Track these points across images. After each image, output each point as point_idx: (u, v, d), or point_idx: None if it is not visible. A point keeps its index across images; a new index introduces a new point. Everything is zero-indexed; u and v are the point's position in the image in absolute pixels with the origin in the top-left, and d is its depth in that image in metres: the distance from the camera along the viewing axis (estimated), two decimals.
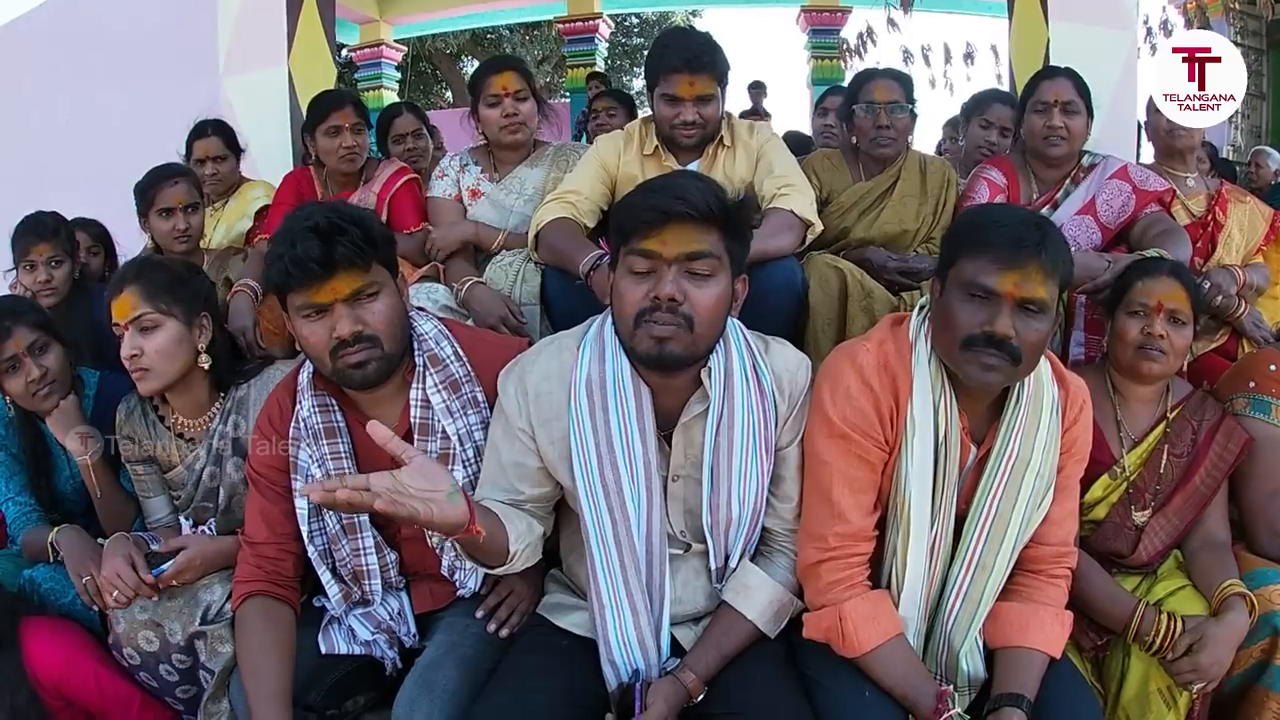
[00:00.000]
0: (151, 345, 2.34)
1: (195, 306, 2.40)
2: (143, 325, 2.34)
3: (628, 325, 1.92)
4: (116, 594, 2.23)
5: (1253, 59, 9.87)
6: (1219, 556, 2.35)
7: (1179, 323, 2.44)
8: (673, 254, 1.87)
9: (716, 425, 1.99)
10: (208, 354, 2.41)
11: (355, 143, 3.61)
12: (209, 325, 2.42)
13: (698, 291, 1.89)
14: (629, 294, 1.90)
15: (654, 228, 1.86)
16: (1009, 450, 2.00)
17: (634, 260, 1.89)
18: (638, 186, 1.99)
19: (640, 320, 1.89)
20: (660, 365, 1.93)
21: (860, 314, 2.87)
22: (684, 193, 1.87)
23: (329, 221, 1.99)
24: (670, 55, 2.98)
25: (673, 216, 1.85)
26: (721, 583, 2.09)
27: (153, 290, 2.35)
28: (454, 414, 2.16)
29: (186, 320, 2.38)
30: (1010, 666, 1.97)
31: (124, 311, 2.35)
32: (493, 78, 3.34)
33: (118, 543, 2.34)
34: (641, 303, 1.88)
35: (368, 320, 2.05)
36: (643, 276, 1.89)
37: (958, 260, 1.93)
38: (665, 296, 1.86)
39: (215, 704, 2.25)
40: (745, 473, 2.01)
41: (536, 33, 15.44)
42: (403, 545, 2.28)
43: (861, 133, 3.38)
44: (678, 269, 1.87)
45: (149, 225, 3.44)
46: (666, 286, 1.86)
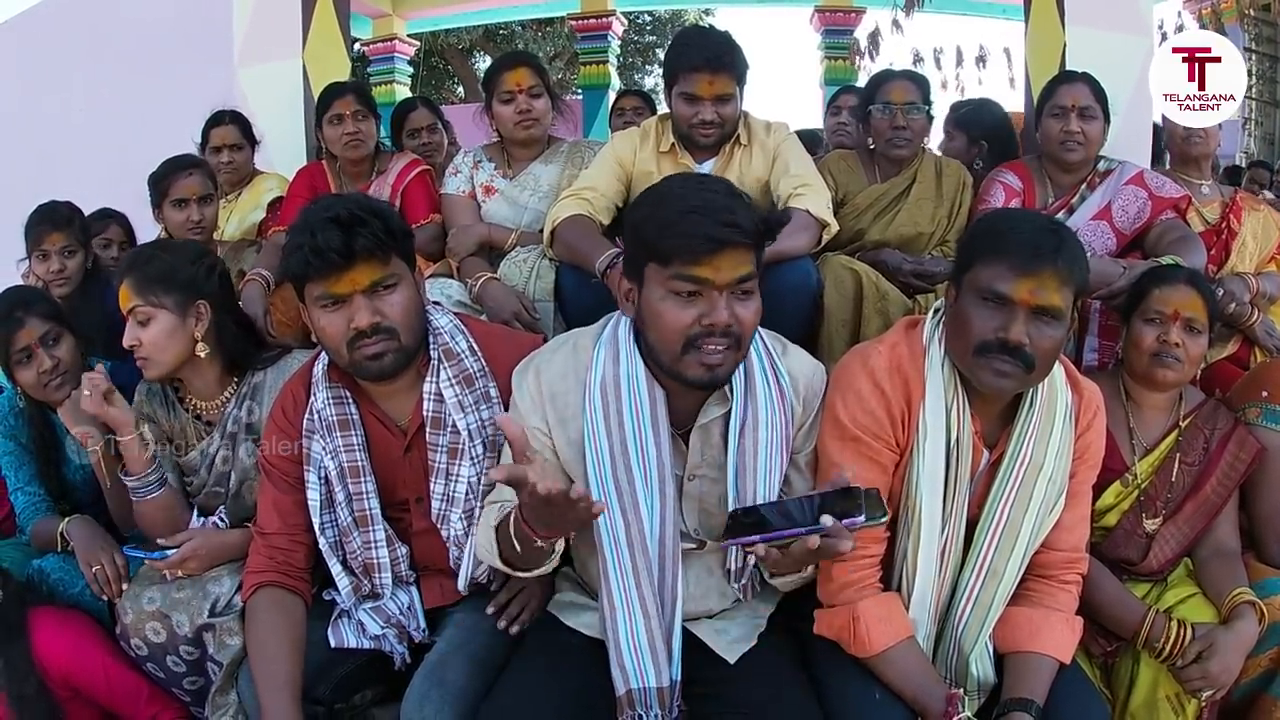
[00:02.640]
0: (147, 336, 2.35)
1: (190, 295, 2.38)
2: (137, 317, 2.35)
3: (673, 350, 1.86)
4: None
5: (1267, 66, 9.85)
6: (1229, 565, 2.35)
7: (1195, 331, 2.43)
8: (724, 281, 1.81)
9: (741, 427, 1.98)
10: (204, 342, 2.40)
11: (357, 129, 3.62)
12: (207, 313, 2.40)
13: (744, 311, 1.86)
14: (674, 319, 1.84)
15: (706, 255, 1.79)
16: (1022, 455, 2.00)
17: (681, 284, 1.82)
18: (667, 201, 1.88)
19: (690, 346, 1.84)
20: (710, 387, 1.91)
21: (875, 316, 2.86)
22: (734, 218, 1.80)
23: (350, 213, 1.99)
24: (691, 54, 2.97)
25: (726, 245, 1.80)
26: (737, 583, 2.09)
27: (144, 282, 2.36)
28: (466, 409, 2.16)
29: (180, 310, 2.36)
30: (1020, 671, 1.97)
31: (123, 303, 2.38)
32: (506, 74, 3.34)
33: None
34: (691, 329, 1.83)
35: (386, 312, 2.05)
36: (689, 300, 1.83)
37: (973, 265, 1.92)
38: (721, 324, 1.82)
39: (223, 696, 2.25)
40: (769, 470, 2.00)
41: (549, 29, 15.41)
42: (414, 539, 2.28)
43: (878, 134, 3.38)
44: (729, 293, 1.83)
45: (163, 216, 3.46)
46: (723, 314, 1.82)
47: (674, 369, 1.89)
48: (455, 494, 2.19)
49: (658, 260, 1.85)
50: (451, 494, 2.19)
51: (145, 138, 4.01)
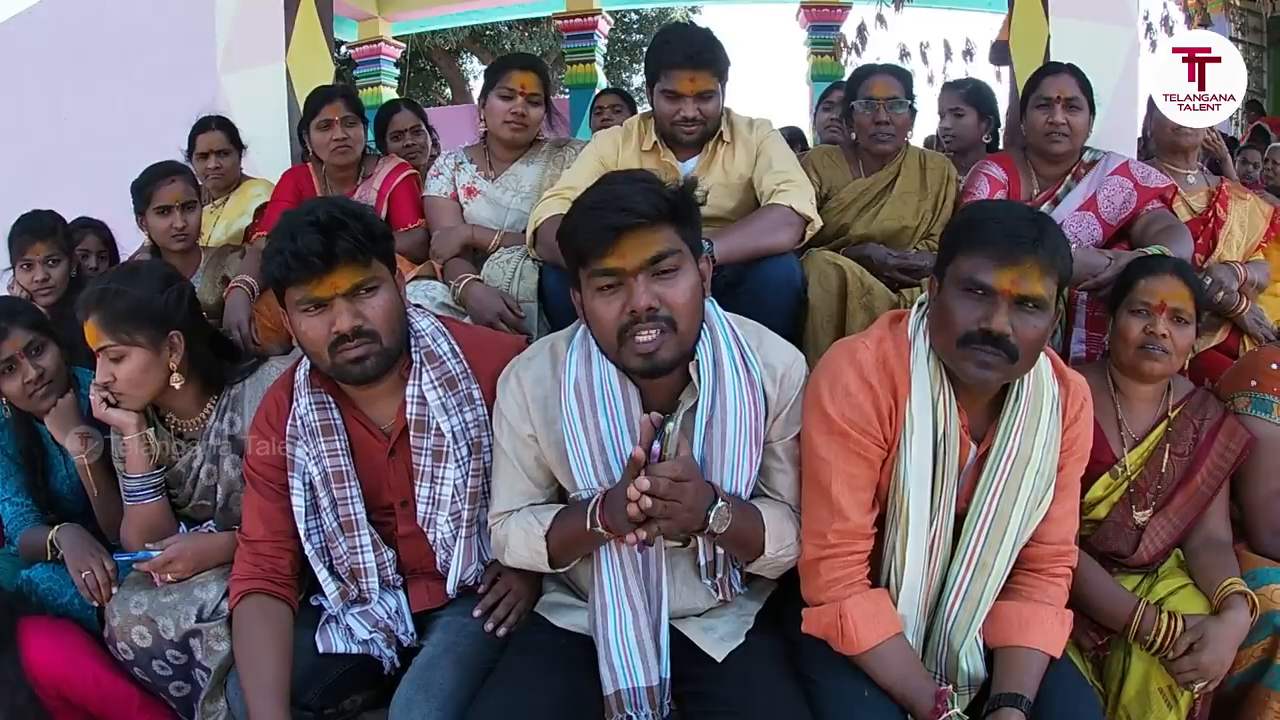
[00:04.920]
0: (122, 373, 2.30)
1: (162, 327, 2.33)
2: (110, 355, 2.31)
3: (611, 343, 1.91)
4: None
5: (1253, 56, 9.83)
6: (1220, 555, 2.34)
7: (1182, 322, 2.43)
8: (634, 264, 1.85)
9: (708, 417, 1.98)
10: (179, 373, 2.35)
11: (346, 135, 3.62)
12: (180, 343, 2.36)
13: (670, 291, 1.88)
14: (604, 313, 1.89)
15: (609, 245, 1.84)
16: (1009, 448, 1.99)
17: (598, 280, 1.88)
18: (575, 208, 1.95)
19: (623, 337, 1.88)
20: (653, 374, 1.92)
21: (860, 311, 2.86)
22: (627, 202, 1.85)
23: (330, 215, 1.99)
24: (672, 51, 2.97)
25: (623, 230, 1.84)
26: (710, 580, 2.08)
27: (112, 321, 2.29)
28: (449, 411, 2.16)
29: (153, 344, 2.32)
30: (1010, 666, 1.96)
31: (92, 341, 2.32)
32: (515, 73, 3.34)
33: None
34: (620, 319, 1.87)
35: (367, 315, 2.05)
36: (611, 292, 1.88)
37: (955, 257, 1.92)
38: (642, 308, 1.85)
39: (213, 703, 2.25)
40: (737, 464, 1.99)
41: (536, 29, 15.40)
42: (400, 543, 2.27)
43: (861, 129, 3.37)
44: (645, 277, 1.86)
45: (146, 223, 3.44)
46: (640, 298, 1.85)
47: (619, 363, 1.95)
48: (441, 497, 2.19)
49: (580, 263, 1.92)
50: (437, 497, 2.19)
51: (130, 145, 4.03)
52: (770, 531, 1.99)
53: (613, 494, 1.87)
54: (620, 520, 1.81)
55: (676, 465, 1.77)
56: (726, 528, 1.88)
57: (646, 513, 1.75)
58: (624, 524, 1.80)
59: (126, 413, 2.34)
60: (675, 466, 1.77)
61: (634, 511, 1.75)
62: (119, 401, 2.33)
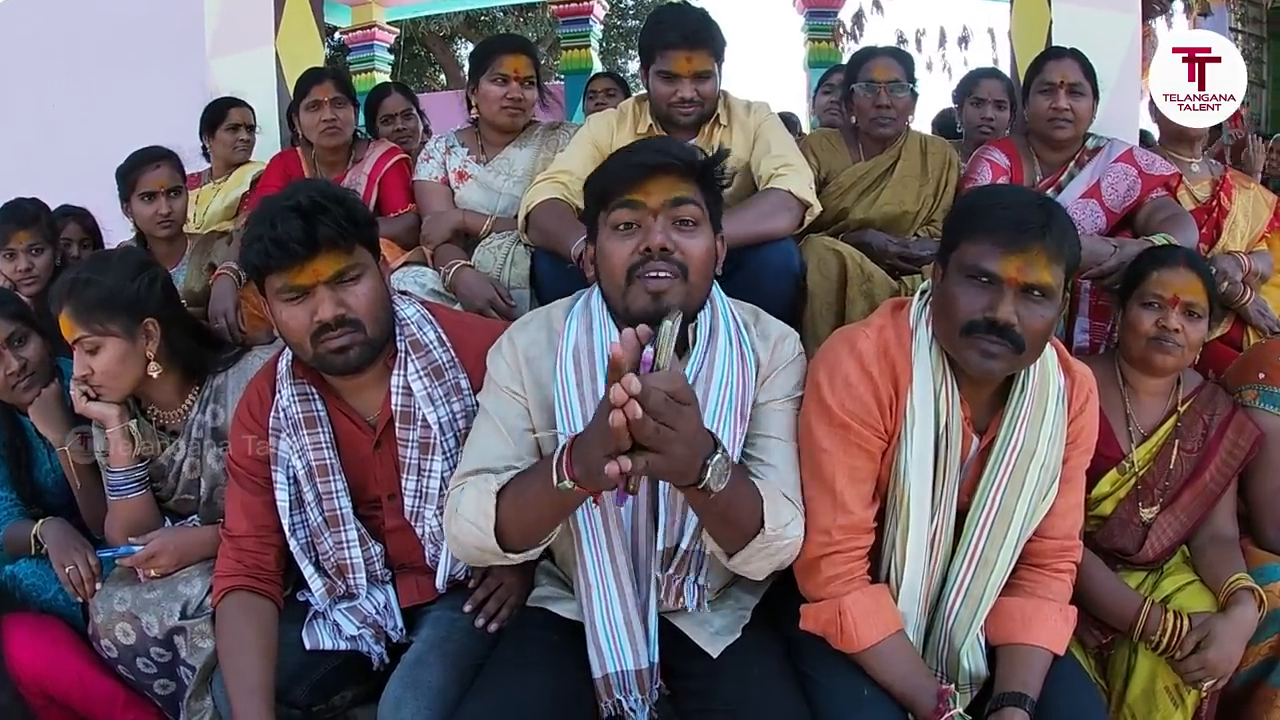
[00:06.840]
0: (99, 365, 2.28)
1: (136, 316, 2.30)
2: (85, 347, 2.28)
3: (619, 283, 1.89)
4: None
5: (1253, 46, 9.80)
6: (1226, 551, 2.32)
7: (1195, 316, 2.38)
8: (658, 203, 1.86)
9: (694, 377, 1.90)
10: (157, 361, 2.33)
11: (335, 116, 3.59)
12: (156, 330, 2.33)
13: (687, 240, 1.87)
14: (616, 252, 1.88)
15: (637, 181, 1.86)
16: (1013, 441, 1.95)
17: (619, 214, 1.88)
18: (610, 158, 2.01)
19: (633, 275, 1.86)
20: (658, 316, 1.77)
21: (860, 298, 2.83)
22: (661, 145, 1.92)
23: (311, 200, 1.94)
24: (667, 31, 2.94)
25: (655, 169, 1.86)
26: (667, 569, 1.96)
27: (86, 310, 2.26)
28: (435, 402, 2.12)
29: (128, 333, 2.29)
30: (1013, 664, 1.93)
31: (66, 333, 2.30)
32: (506, 57, 3.30)
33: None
34: (632, 258, 1.86)
35: (350, 303, 2.00)
36: (629, 231, 1.88)
37: (959, 244, 1.88)
38: (657, 245, 1.84)
39: (198, 701, 2.23)
40: (716, 427, 1.89)
41: (531, 14, 15.35)
42: (387, 537, 2.24)
43: (861, 112, 3.32)
44: (665, 219, 1.86)
45: (131, 210, 3.41)
46: (657, 236, 1.84)
47: (624, 305, 1.89)
48: (429, 490, 2.15)
49: (601, 205, 1.92)
50: (425, 490, 2.15)
51: (117, 130, 4.01)
52: (768, 508, 1.83)
53: (585, 433, 1.60)
54: (595, 461, 1.49)
55: (676, 377, 1.46)
56: (725, 484, 1.61)
57: (634, 432, 1.42)
58: (598, 470, 1.47)
59: (107, 405, 2.32)
60: (674, 378, 1.45)
61: (618, 423, 1.39)
62: (99, 394, 2.30)
